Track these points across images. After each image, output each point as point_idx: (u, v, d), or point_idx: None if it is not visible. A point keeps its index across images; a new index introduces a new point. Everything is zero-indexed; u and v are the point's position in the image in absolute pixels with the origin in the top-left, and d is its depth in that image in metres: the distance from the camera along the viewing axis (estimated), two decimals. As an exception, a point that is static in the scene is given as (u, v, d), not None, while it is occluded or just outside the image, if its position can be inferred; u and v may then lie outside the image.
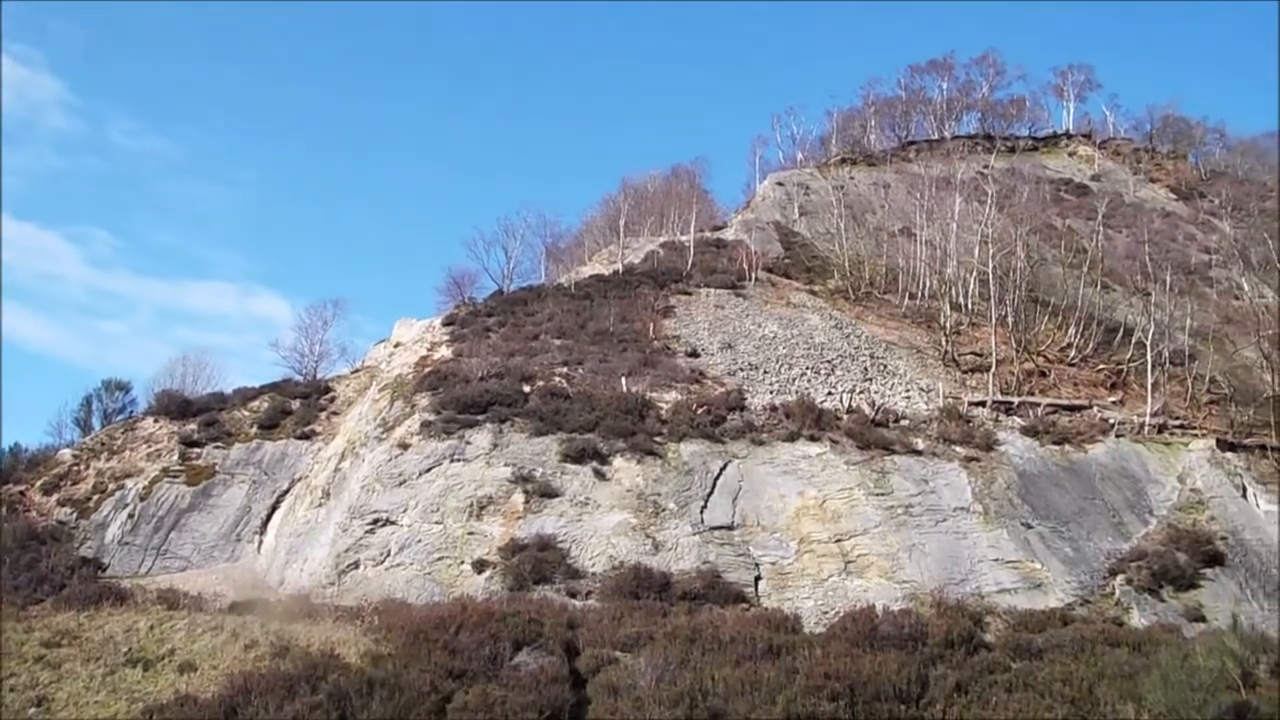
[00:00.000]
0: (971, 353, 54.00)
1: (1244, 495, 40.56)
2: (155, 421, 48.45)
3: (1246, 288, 68.14)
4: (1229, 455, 42.97)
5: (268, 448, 46.31)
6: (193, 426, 47.39)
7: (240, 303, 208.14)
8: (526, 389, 43.88)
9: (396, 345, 57.03)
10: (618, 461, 38.86)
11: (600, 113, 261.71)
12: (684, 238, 71.17)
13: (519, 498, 36.72)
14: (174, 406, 49.14)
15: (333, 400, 51.33)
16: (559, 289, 60.27)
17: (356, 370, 57.02)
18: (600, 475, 38.21)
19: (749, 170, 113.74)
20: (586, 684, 23.72)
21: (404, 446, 39.72)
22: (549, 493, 37.08)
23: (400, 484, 37.85)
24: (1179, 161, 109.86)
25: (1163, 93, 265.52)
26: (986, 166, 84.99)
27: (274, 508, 43.29)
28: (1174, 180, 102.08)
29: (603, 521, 35.93)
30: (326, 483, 42.05)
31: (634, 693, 22.25)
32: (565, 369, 46.76)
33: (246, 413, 49.28)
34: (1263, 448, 44.49)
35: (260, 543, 41.74)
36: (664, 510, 36.75)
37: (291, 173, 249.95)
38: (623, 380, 45.15)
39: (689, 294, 58.03)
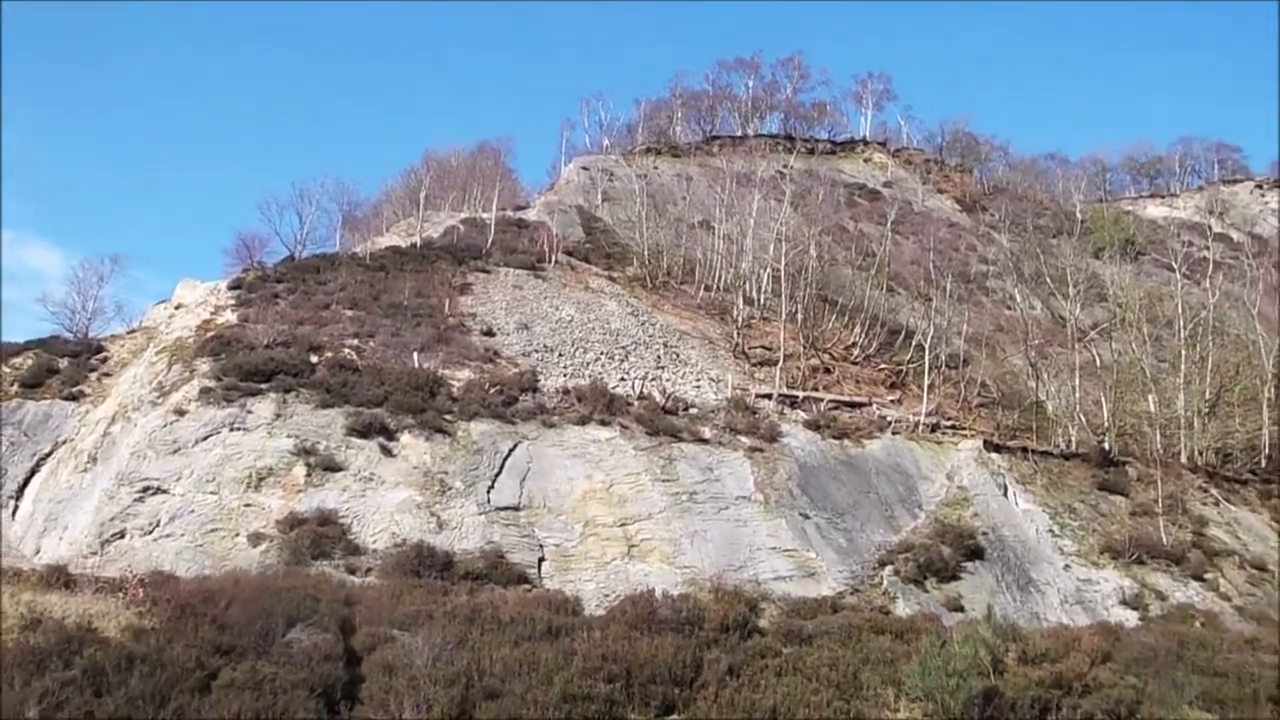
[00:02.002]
0: (761, 346, 55.30)
1: (1005, 494, 42.89)
2: (-97, 375, 44.96)
3: (1018, 299, 72.13)
4: (993, 456, 45.33)
5: (29, 407, 43.50)
6: (-55, 382, 44.20)
7: (9, 251, 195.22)
8: (314, 359, 42.67)
9: (178, 307, 54.53)
10: (405, 438, 38.22)
11: (406, 83, 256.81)
12: (486, 215, 70.47)
13: (300, 470, 35.67)
14: (-75, 359, 45.70)
15: (105, 361, 48.65)
16: (354, 259, 58.74)
17: (133, 331, 54.20)
18: (387, 451, 37.50)
19: (556, 153, 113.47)
20: (361, 662, 23.23)
21: (180, 413, 38.03)
22: (332, 466, 36.15)
23: (174, 451, 36.23)
24: (965, 175, 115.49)
25: (955, 108, 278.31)
26: (786, 166, 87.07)
27: (33, 472, 40.69)
28: (960, 192, 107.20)
29: (387, 498, 35.28)
30: (94, 447, 39.85)
31: (409, 671, 21.91)
32: (356, 341, 45.66)
33: (8, 369, 46.12)
34: (1024, 449, 47.12)
35: (15, 509, 39.20)
36: (450, 489, 36.35)
37: (79, 118, 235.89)
38: (415, 355, 44.42)
39: (488, 272, 57.51)
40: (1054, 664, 23.90)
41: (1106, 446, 49.73)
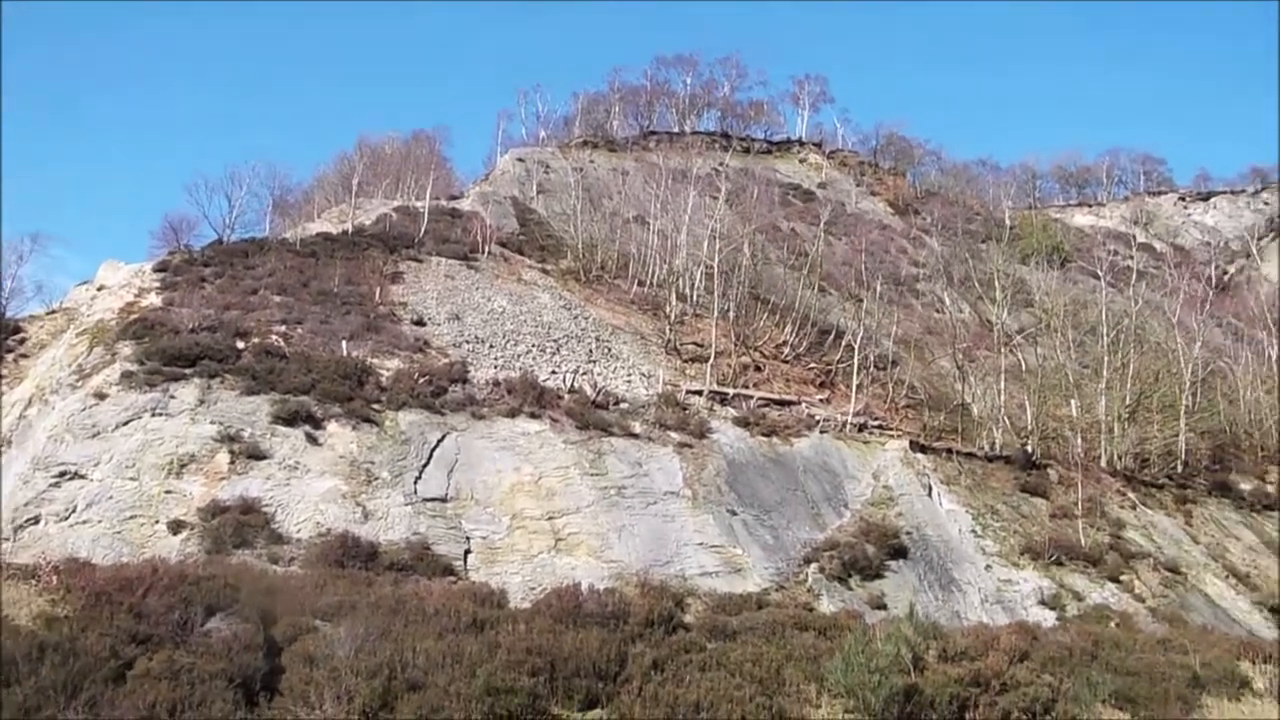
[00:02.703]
0: (693, 343, 55.45)
1: (929, 494, 43.42)
2: None
3: (948, 302, 73.06)
4: (919, 456, 45.87)
5: (-58, 389, 42.43)
6: None
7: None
8: (240, 345, 42.01)
9: (100, 288, 53.43)
10: (332, 426, 37.78)
11: (341, 67, 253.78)
12: (419, 204, 69.85)
13: (224, 458, 35.08)
14: None
15: (23, 342, 47.62)
16: (284, 244, 57.92)
17: (53, 312, 53.07)
18: (313, 440, 37.03)
19: (491, 144, 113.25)
20: (282, 653, 22.88)
21: (101, 396, 37.22)
22: (257, 454, 35.60)
23: (93, 436, 35.44)
24: (898, 178, 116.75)
25: (891, 112, 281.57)
26: (722, 164, 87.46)
27: (-55, 455, 39.64)
28: (893, 195, 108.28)
29: (312, 487, 34.83)
30: (9, 430, 38.87)
31: (331, 662, 21.62)
32: (284, 328, 45.01)
33: (-80, 349, 44.98)
34: (949, 451, 47.76)
35: (-76, 492, 38.13)
36: (377, 479, 35.99)
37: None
38: (344, 344, 43.92)
39: (420, 261, 57.03)
40: (973, 662, 24.23)
41: (1029, 449, 50.57)
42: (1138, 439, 55.51)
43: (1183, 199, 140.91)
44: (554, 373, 46.91)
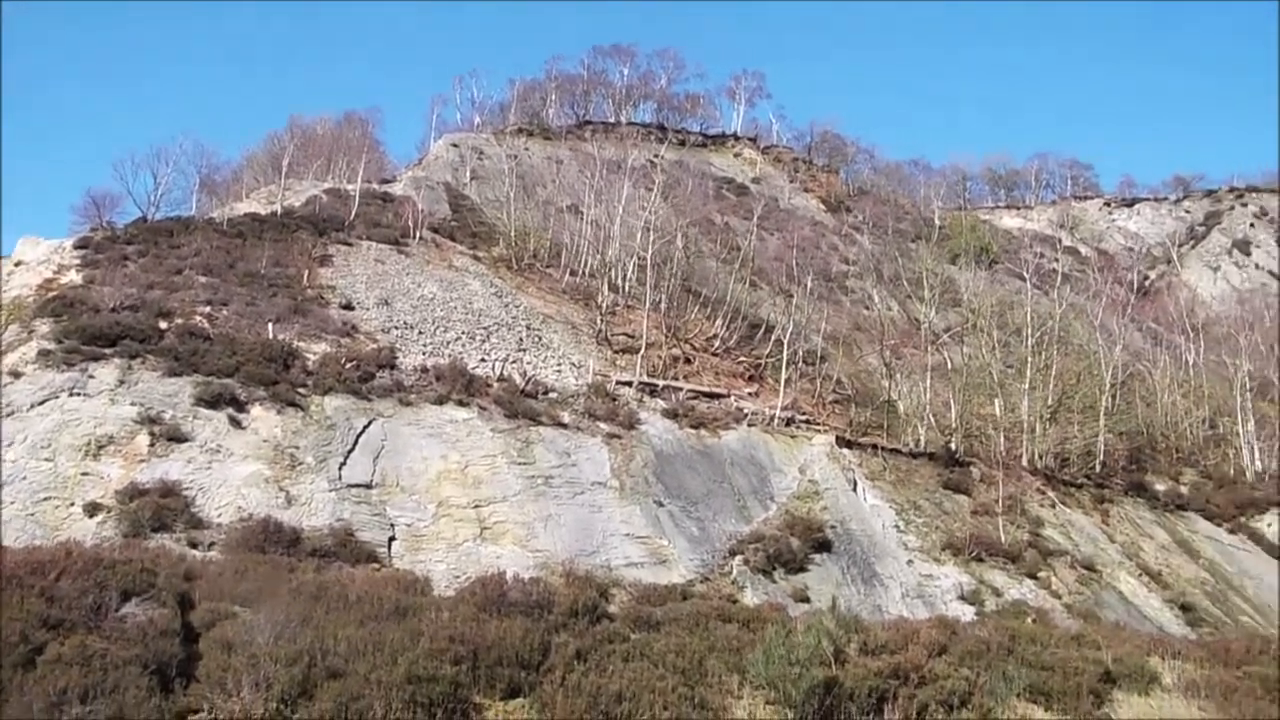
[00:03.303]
0: (624, 334, 55.49)
1: (854, 489, 43.85)
2: None
3: (877, 300, 73.80)
4: (845, 451, 46.29)
5: None
6: None
7: None
8: (163, 325, 41.24)
9: (18, 264, 51.96)
10: (256, 410, 37.22)
11: (273, 48, 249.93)
12: (350, 186, 69.08)
13: (144, 440, 34.39)
14: None
15: (-64, 318, 46.21)
16: (210, 224, 56.94)
17: (-34, 287, 51.61)
18: (236, 423, 36.46)
19: (425, 128, 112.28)
20: (199, 639, 22.49)
21: (16, 375, 36.30)
22: (178, 437, 34.95)
23: (8, 415, 34.53)
24: (831, 175, 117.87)
25: (825, 110, 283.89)
26: (657, 156, 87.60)
27: None
28: (825, 192, 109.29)
29: (234, 471, 34.28)
30: (-81, 407, 37.79)
31: (249, 649, 21.27)
32: (208, 309, 44.27)
33: None
34: (875, 446, 48.27)
35: None
36: (301, 464, 35.54)
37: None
38: (270, 326, 43.29)
39: (350, 245, 56.38)
40: (893, 655, 24.47)
41: (953, 447, 51.30)
42: (1058, 439, 56.58)
43: (1108, 204, 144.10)
44: (483, 360, 46.67)
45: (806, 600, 34.98)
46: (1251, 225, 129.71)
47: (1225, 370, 72.83)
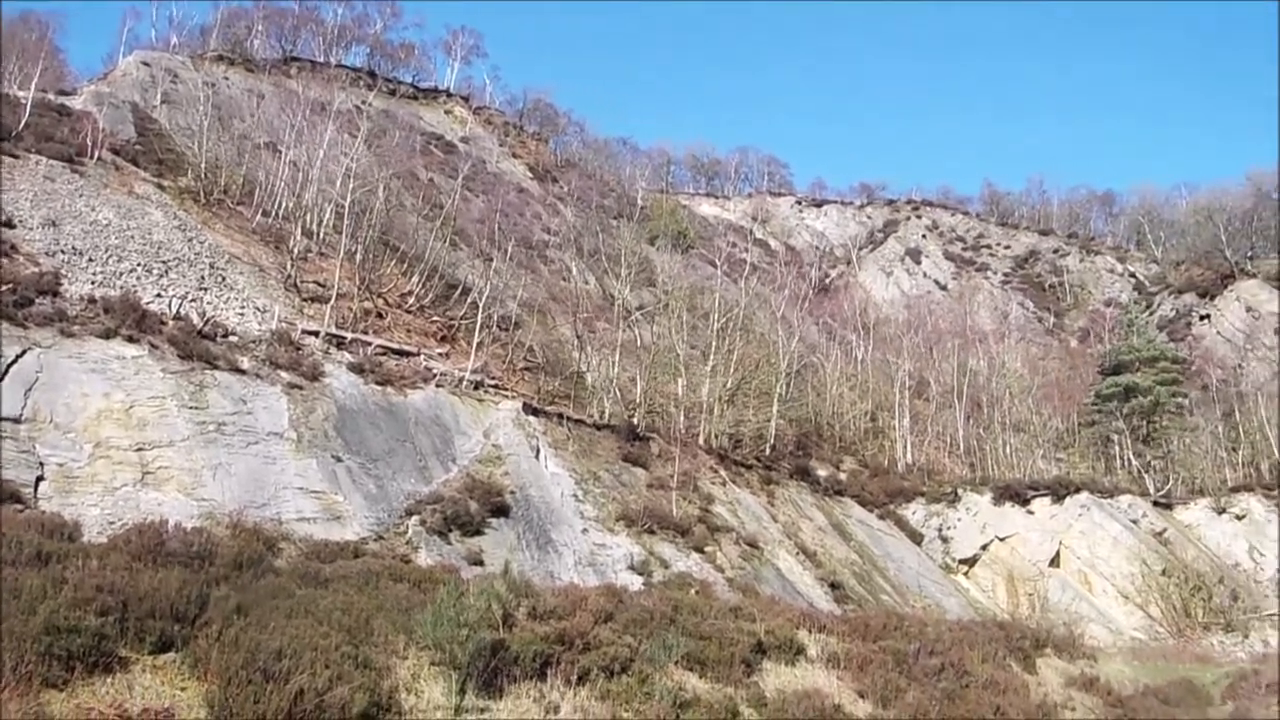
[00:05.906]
0: (315, 282, 53.58)
1: (537, 456, 44.20)
2: None
3: (575, 272, 74.80)
4: (531, 419, 46.56)
5: None
6: None
7: None
8: None
9: None
10: (-111, 327, 33.55)
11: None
12: (22, 93, 62.99)
13: None
14: None
15: None
16: None
17: None
18: None
19: (115, 42, 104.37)
20: None
21: None
22: None
23: None
24: (541, 144, 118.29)
25: (540, 79, 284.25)
26: (365, 102, 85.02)
27: None
28: (534, 160, 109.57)
29: None
30: None
31: None
32: None
33: None
34: (561, 416, 48.80)
35: None
36: (-62, 390, 32.28)
37: None
38: (-86, 236, 39.07)
39: (16, 157, 51.41)
40: (560, 621, 24.80)
41: (635, 421, 52.63)
42: (734, 421, 59.20)
43: (799, 203, 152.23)
44: (160, 296, 43.87)
45: (481, 564, 34.98)
46: (924, 236, 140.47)
47: (889, 368, 78.48)
